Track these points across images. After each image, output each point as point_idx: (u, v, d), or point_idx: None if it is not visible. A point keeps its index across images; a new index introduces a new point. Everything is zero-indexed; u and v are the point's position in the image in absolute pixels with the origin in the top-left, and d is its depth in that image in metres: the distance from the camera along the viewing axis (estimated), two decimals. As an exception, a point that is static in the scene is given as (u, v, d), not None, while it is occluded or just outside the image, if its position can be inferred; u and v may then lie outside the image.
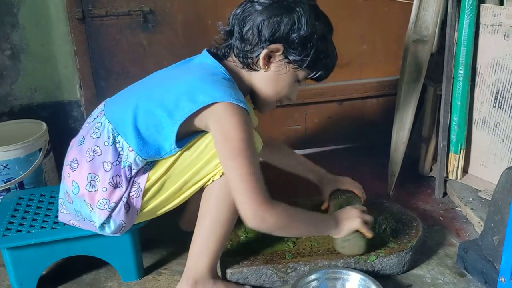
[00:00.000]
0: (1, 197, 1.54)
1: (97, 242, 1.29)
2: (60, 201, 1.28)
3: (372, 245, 1.33)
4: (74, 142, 1.27)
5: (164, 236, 1.53)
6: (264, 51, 1.18)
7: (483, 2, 1.61)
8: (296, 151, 2.07)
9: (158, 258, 1.46)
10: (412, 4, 1.63)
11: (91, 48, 1.74)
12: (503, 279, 1.07)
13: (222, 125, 1.12)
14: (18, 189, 1.59)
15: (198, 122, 1.16)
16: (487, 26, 1.60)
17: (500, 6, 1.59)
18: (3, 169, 1.55)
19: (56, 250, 1.29)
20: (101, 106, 1.28)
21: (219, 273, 1.32)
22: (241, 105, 1.13)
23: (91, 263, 1.39)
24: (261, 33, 1.17)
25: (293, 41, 1.17)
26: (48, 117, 1.80)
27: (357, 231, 1.27)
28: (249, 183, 1.12)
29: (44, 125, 1.67)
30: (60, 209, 1.29)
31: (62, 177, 1.27)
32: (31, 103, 1.84)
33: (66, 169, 1.25)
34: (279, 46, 1.18)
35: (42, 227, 1.30)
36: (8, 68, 1.78)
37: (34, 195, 1.46)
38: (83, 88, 1.80)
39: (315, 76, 1.25)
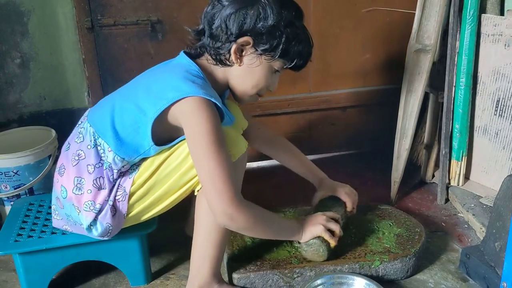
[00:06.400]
0: (12, 203, 1.56)
1: (106, 248, 1.32)
2: (52, 207, 1.31)
3: (376, 251, 1.36)
4: (62, 149, 1.30)
5: (171, 241, 1.56)
6: (234, 46, 1.18)
7: (484, 12, 1.64)
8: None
9: (166, 263, 1.48)
10: (414, 14, 1.66)
11: (100, 57, 1.77)
12: (505, 284, 1.10)
13: (191, 119, 1.13)
14: (28, 195, 1.62)
15: (172, 118, 1.16)
16: (488, 35, 1.63)
17: (501, 16, 1.62)
18: (14, 175, 1.58)
19: (66, 255, 1.32)
20: (85, 113, 1.31)
21: (226, 278, 1.35)
22: (212, 99, 1.13)
23: (100, 268, 1.42)
24: (228, 28, 1.17)
25: (260, 32, 1.17)
26: (57, 124, 1.82)
27: (321, 237, 1.29)
28: (219, 179, 1.11)
29: (53, 132, 1.70)
30: (53, 215, 1.31)
31: (53, 184, 1.30)
32: (40, 110, 1.87)
33: (55, 175, 1.28)
34: (248, 38, 1.17)
35: (53, 233, 1.33)
36: (18, 76, 1.81)
37: (44, 201, 1.49)
38: (91, 96, 1.83)
39: (292, 65, 1.24)
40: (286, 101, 1.94)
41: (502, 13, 1.66)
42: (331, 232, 1.31)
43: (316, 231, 1.29)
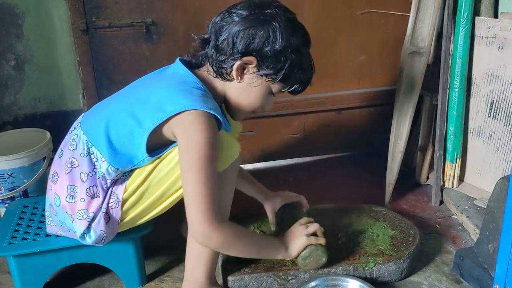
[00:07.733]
0: (6, 205, 1.56)
1: (101, 250, 1.31)
2: (46, 213, 1.30)
3: (370, 253, 1.37)
4: (55, 156, 1.29)
5: (166, 243, 1.55)
6: (238, 63, 1.17)
7: (478, 15, 1.65)
8: (295, 159, 2.13)
9: (161, 265, 1.48)
10: (408, 16, 1.67)
11: (95, 59, 1.77)
12: (497, 286, 1.10)
13: (186, 132, 1.12)
14: (22, 197, 1.61)
15: (167, 131, 1.15)
16: (482, 38, 1.64)
17: (495, 19, 1.63)
18: (8, 178, 1.58)
19: (61, 257, 1.31)
20: (79, 119, 1.30)
21: (220, 281, 1.35)
22: (211, 111, 1.12)
23: (95, 271, 1.41)
24: (235, 44, 1.16)
25: (266, 54, 1.16)
26: (51, 126, 1.82)
27: (311, 245, 1.29)
28: (202, 197, 1.10)
29: (48, 134, 1.70)
30: (47, 221, 1.31)
31: (47, 191, 1.29)
32: (35, 112, 1.87)
33: (49, 182, 1.27)
34: (252, 58, 1.16)
35: (47, 235, 1.32)
36: (13, 78, 1.81)
37: (39, 203, 1.48)
38: (86, 98, 1.82)
39: (290, 89, 1.24)
40: (281, 103, 1.94)
41: (496, 15, 1.67)
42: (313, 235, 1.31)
43: (301, 243, 1.28)
